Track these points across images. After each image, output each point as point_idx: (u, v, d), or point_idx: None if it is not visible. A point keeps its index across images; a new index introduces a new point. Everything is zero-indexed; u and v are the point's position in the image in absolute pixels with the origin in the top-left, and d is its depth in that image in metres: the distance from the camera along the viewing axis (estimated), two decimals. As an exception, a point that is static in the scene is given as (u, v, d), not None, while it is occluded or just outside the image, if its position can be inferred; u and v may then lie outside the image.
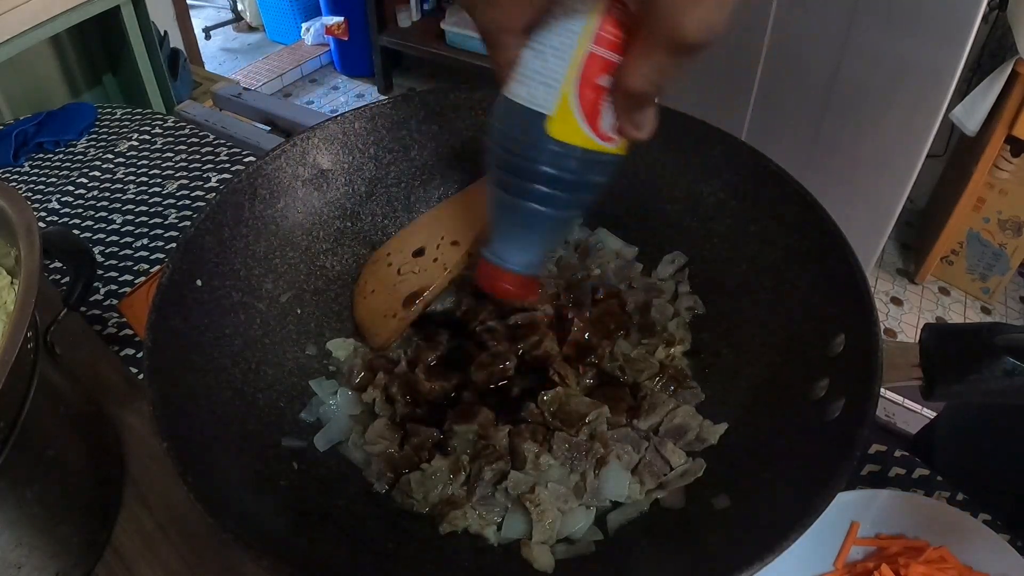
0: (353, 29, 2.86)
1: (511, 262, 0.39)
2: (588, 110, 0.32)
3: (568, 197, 0.35)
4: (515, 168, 0.35)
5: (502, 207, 0.37)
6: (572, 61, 0.31)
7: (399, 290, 0.54)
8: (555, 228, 0.38)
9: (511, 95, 0.33)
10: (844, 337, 0.41)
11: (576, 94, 0.31)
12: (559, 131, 0.32)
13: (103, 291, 0.73)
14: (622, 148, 0.35)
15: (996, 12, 1.58)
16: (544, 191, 0.34)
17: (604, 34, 0.30)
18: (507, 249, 0.39)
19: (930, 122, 1.41)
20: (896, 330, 1.90)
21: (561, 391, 0.48)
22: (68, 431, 0.49)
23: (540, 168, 0.34)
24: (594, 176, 0.35)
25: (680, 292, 0.54)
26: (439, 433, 0.47)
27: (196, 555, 0.50)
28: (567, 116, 0.32)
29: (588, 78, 0.31)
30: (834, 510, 0.34)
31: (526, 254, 0.39)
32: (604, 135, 0.33)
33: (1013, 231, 1.81)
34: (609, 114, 0.32)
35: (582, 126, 0.32)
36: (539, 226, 0.37)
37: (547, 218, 0.36)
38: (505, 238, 0.39)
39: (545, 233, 0.38)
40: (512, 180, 0.35)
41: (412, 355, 0.52)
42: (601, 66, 0.31)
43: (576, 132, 0.32)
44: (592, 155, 0.33)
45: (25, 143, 0.96)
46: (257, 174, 0.52)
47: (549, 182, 0.34)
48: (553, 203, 0.35)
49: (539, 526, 0.42)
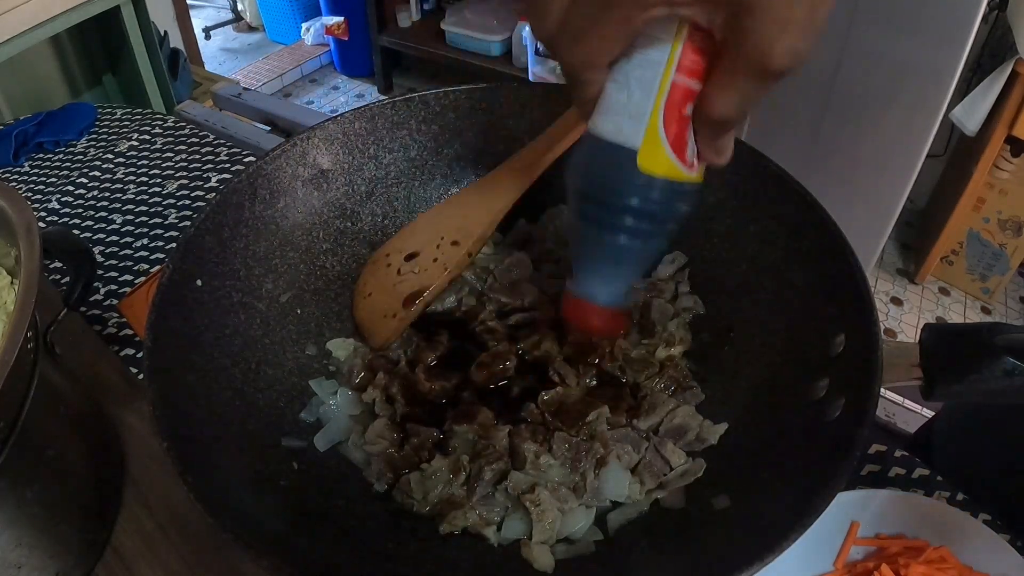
0: (353, 29, 2.86)
1: (599, 297, 0.38)
2: (675, 141, 0.32)
3: (655, 228, 0.34)
4: (603, 204, 0.34)
5: (588, 243, 0.36)
6: (658, 92, 0.31)
7: (399, 290, 0.54)
8: (642, 260, 0.37)
9: (597, 131, 0.33)
10: (844, 337, 0.41)
11: (663, 125, 0.31)
12: (647, 163, 0.32)
13: (103, 291, 0.73)
14: (702, 175, 0.34)
15: (996, 12, 1.58)
16: (633, 225, 0.34)
17: (687, 63, 0.30)
18: (594, 284, 0.38)
19: (930, 122, 1.41)
20: (896, 330, 1.90)
21: (561, 391, 0.48)
22: (68, 431, 0.49)
23: (629, 202, 0.33)
24: (680, 205, 0.34)
25: (680, 292, 0.54)
26: (439, 433, 0.47)
27: (196, 555, 0.50)
28: (655, 148, 0.32)
29: (674, 108, 0.31)
30: (834, 510, 0.34)
31: (614, 288, 0.38)
32: (689, 164, 0.33)
33: (1013, 231, 1.81)
34: (693, 142, 0.32)
35: (670, 157, 0.32)
36: (627, 260, 0.36)
37: (635, 251, 0.35)
38: (591, 273, 0.38)
39: (633, 266, 0.37)
40: (600, 215, 0.34)
41: (412, 355, 0.52)
42: (686, 95, 0.31)
43: (664, 163, 0.32)
44: (678, 185, 0.33)
45: (25, 143, 0.96)
46: (257, 174, 0.52)
47: (638, 216, 0.33)
48: (641, 236, 0.34)
49: (539, 526, 0.42)
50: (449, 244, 0.55)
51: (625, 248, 0.35)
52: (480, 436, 0.46)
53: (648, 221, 0.34)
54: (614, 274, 0.38)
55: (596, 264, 0.37)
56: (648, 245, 0.36)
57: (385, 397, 0.50)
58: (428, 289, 0.53)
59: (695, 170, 0.33)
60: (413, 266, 0.55)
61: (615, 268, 0.37)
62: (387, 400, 0.49)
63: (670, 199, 0.33)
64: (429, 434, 0.47)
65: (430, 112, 0.58)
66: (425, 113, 0.58)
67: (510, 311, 0.54)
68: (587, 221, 0.35)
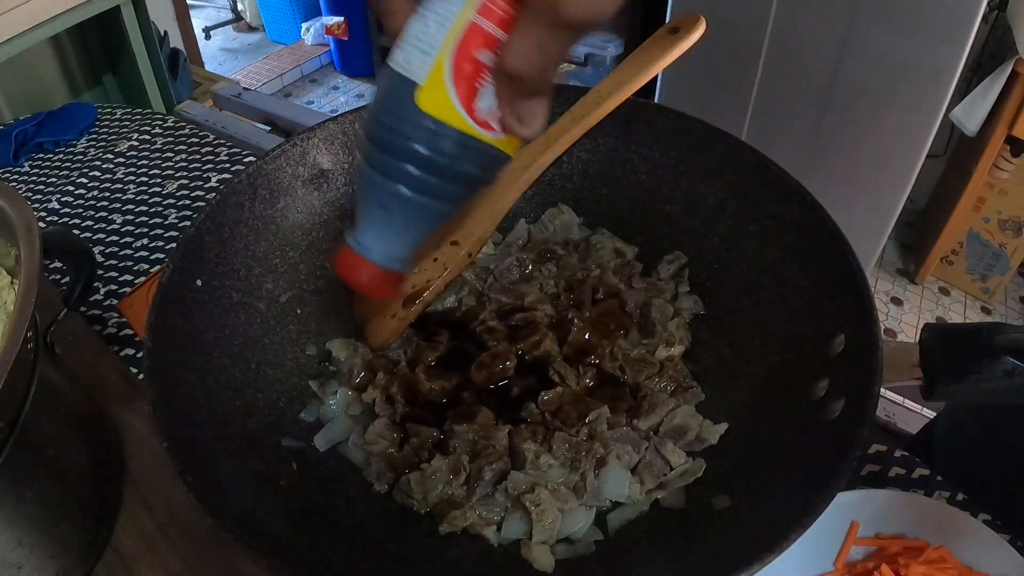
0: (353, 29, 2.86)
1: (372, 252, 0.36)
2: (463, 86, 0.29)
3: (439, 184, 0.32)
4: (383, 142, 0.32)
5: (368, 188, 0.34)
6: (452, 29, 0.29)
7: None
8: (423, 219, 0.35)
9: (389, 61, 0.31)
10: (844, 337, 0.41)
11: (451, 65, 0.29)
12: (429, 103, 0.30)
13: (103, 291, 0.73)
14: (508, 145, 0.32)
15: (996, 12, 1.58)
16: (412, 172, 0.31)
17: (491, 5, 0.28)
18: (369, 237, 0.35)
19: (930, 122, 1.41)
20: (896, 330, 1.90)
21: (561, 391, 0.48)
22: (68, 431, 0.49)
23: (408, 144, 0.31)
24: (468, 166, 0.32)
25: (680, 292, 0.54)
26: (439, 433, 0.47)
27: (196, 555, 0.50)
28: (439, 88, 0.29)
29: (466, 50, 0.29)
30: (834, 510, 0.34)
31: (389, 245, 0.36)
32: (481, 120, 0.30)
33: (1013, 231, 1.81)
34: (489, 97, 0.30)
35: (455, 102, 0.29)
36: (405, 213, 0.34)
37: (414, 205, 0.33)
38: (369, 224, 0.35)
39: (412, 223, 0.35)
40: (380, 156, 0.32)
41: (412, 355, 0.52)
42: (483, 40, 0.29)
43: (448, 108, 0.30)
44: (466, 139, 0.31)
45: (25, 143, 0.96)
46: (257, 174, 0.52)
47: (417, 162, 0.31)
48: (421, 188, 0.32)
49: (539, 526, 0.42)
50: (449, 244, 0.55)
51: (404, 199, 0.32)
52: (480, 436, 0.46)
53: (430, 171, 0.31)
54: (391, 229, 0.35)
55: (373, 214, 0.35)
56: (430, 202, 0.33)
57: (385, 397, 0.50)
58: (428, 289, 0.53)
59: (492, 132, 0.31)
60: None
61: (392, 221, 0.34)
62: (387, 400, 0.49)
63: (457, 154, 0.31)
64: (429, 434, 0.47)
65: (430, 112, 0.58)
66: (425, 113, 0.58)
67: (510, 311, 0.54)
68: (370, 164, 0.33)
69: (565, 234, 0.59)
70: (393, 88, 0.31)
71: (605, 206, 0.59)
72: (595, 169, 0.59)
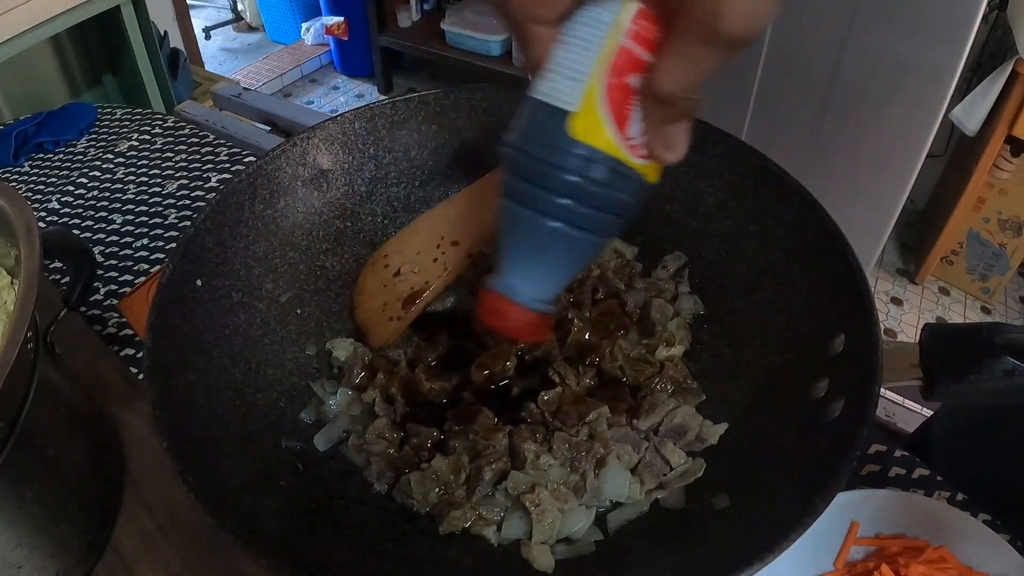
0: (353, 29, 2.86)
1: (522, 295, 0.34)
2: (615, 110, 0.28)
3: (591, 215, 0.31)
4: (533, 175, 0.30)
5: (516, 225, 0.32)
6: (601, 54, 0.28)
7: (399, 290, 0.54)
8: (575, 254, 0.33)
9: (534, 91, 0.30)
10: (844, 337, 0.41)
11: (603, 91, 0.28)
12: (582, 131, 0.29)
13: (103, 291, 0.73)
14: (652, 172, 0.31)
15: (996, 12, 1.58)
16: (565, 204, 0.30)
17: (638, 27, 0.27)
18: (518, 278, 0.33)
19: (930, 122, 1.41)
20: (896, 330, 1.90)
21: (561, 391, 0.48)
22: (68, 431, 0.49)
23: (560, 175, 0.29)
24: (620, 194, 0.30)
25: (680, 292, 0.54)
26: (439, 433, 0.47)
27: (196, 555, 0.50)
28: (592, 115, 0.28)
29: (617, 74, 0.28)
30: (834, 510, 0.34)
31: (540, 286, 0.34)
32: (632, 145, 0.29)
33: (1013, 231, 1.81)
34: (638, 121, 0.29)
35: (608, 127, 0.29)
36: (557, 249, 0.32)
37: (567, 240, 0.31)
38: (516, 265, 0.33)
39: (563, 259, 0.33)
40: (529, 190, 0.30)
41: (412, 355, 0.52)
42: (632, 63, 0.28)
43: (601, 134, 0.29)
44: (619, 167, 0.29)
45: (25, 143, 0.96)
46: (257, 174, 0.52)
47: (570, 192, 0.30)
48: (575, 221, 0.31)
49: (539, 526, 0.42)
50: (449, 244, 0.55)
51: (555, 234, 0.31)
52: (480, 436, 0.46)
53: (583, 202, 0.30)
54: (542, 267, 0.33)
55: (522, 253, 0.33)
56: (582, 235, 0.31)
57: (385, 397, 0.50)
58: (428, 289, 0.53)
59: (641, 157, 0.30)
60: (413, 266, 0.55)
61: (543, 259, 0.33)
62: (387, 400, 0.49)
63: (610, 183, 0.30)
64: (429, 434, 0.47)
65: (430, 112, 0.58)
66: (425, 113, 0.58)
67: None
68: (517, 199, 0.31)
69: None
70: (542, 118, 0.29)
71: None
72: (595, 169, 0.59)
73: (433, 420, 0.48)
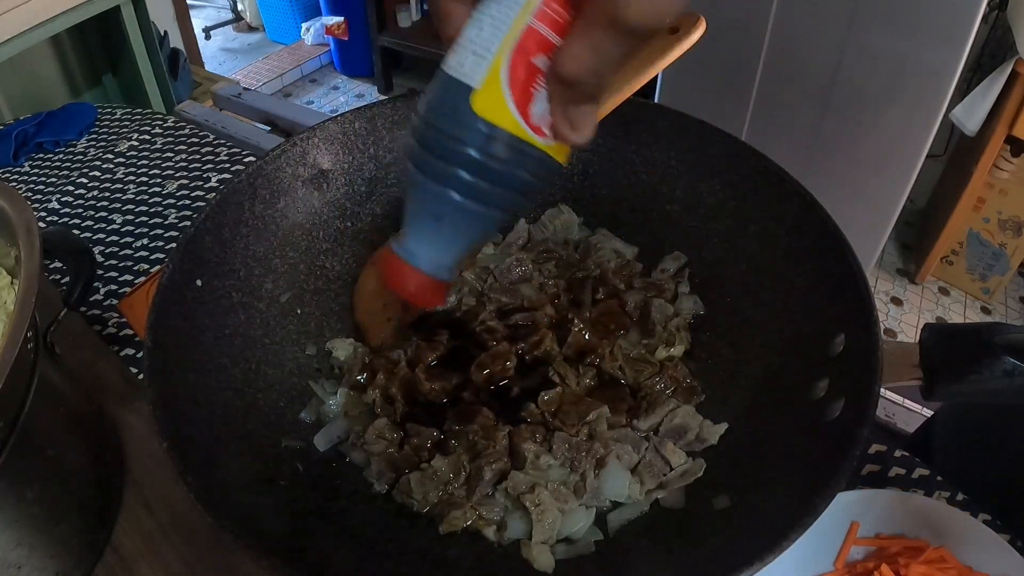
0: (353, 29, 2.86)
1: (420, 260, 0.35)
2: (518, 90, 0.29)
3: (491, 190, 0.32)
4: (436, 147, 0.31)
5: (418, 194, 0.33)
6: (508, 33, 0.29)
7: (399, 290, 0.54)
8: (473, 226, 0.34)
9: (443, 65, 0.31)
10: (844, 337, 0.41)
11: (507, 69, 0.29)
12: (484, 107, 0.29)
13: (103, 291, 0.73)
14: (560, 153, 0.32)
15: (996, 12, 1.58)
16: (465, 178, 0.31)
17: (547, 9, 0.28)
18: (418, 244, 0.35)
19: (930, 122, 1.41)
20: (896, 330, 1.90)
21: (561, 391, 0.48)
22: (68, 431, 0.49)
23: (461, 148, 0.30)
24: (521, 172, 0.31)
25: (680, 292, 0.54)
26: (439, 433, 0.47)
27: (196, 555, 0.50)
28: (495, 92, 0.29)
29: (522, 54, 0.29)
30: (834, 510, 0.34)
31: (438, 253, 0.35)
32: (534, 125, 0.30)
33: (1013, 231, 1.81)
34: (542, 102, 0.30)
35: (510, 106, 0.29)
36: (456, 220, 0.33)
37: (466, 212, 0.32)
38: (417, 231, 0.35)
39: (462, 230, 0.34)
40: (432, 162, 0.32)
41: (412, 355, 0.52)
42: (539, 44, 0.29)
43: (503, 112, 0.29)
44: (521, 145, 0.30)
45: (25, 143, 0.96)
46: (257, 174, 0.52)
47: (470, 167, 0.31)
48: (474, 195, 0.32)
49: (539, 526, 0.42)
50: (449, 244, 0.55)
51: (456, 207, 0.32)
52: (480, 436, 0.46)
53: (483, 177, 0.31)
54: (440, 236, 0.34)
55: (423, 221, 0.34)
56: (481, 209, 0.32)
57: (385, 397, 0.50)
58: (428, 289, 0.53)
59: (545, 137, 0.31)
60: (413, 266, 0.55)
61: (442, 229, 0.34)
62: (387, 400, 0.49)
63: (511, 160, 0.31)
64: (429, 434, 0.47)
65: (430, 112, 0.58)
66: (425, 113, 0.58)
67: (510, 311, 0.54)
68: (420, 168, 0.32)
69: (565, 234, 0.59)
70: (447, 92, 0.30)
71: (605, 206, 0.59)
72: (595, 169, 0.59)
73: (433, 420, 0.48)
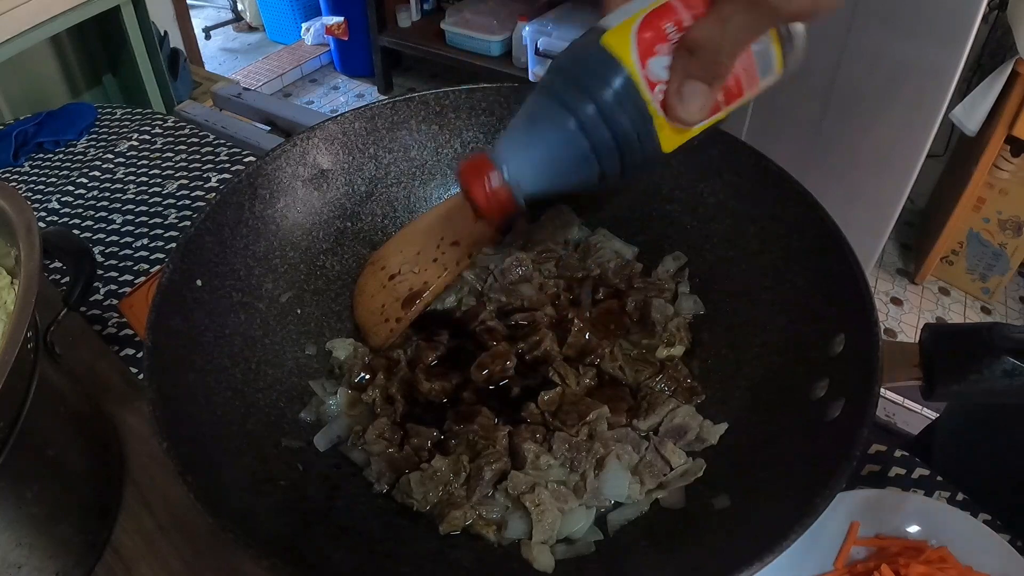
0: (353, 29, 2.86)
1: (507, 166, 0.37)
2: (644, 44, 0.33)
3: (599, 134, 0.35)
4: (565, 73, 0.35)
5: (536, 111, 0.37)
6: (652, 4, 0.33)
7: (398, 290, 0.54)
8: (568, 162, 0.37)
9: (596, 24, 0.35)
10: (844, 337, 0.41)
11: (639, 23, 0.33)
12: (611, 41, 0.34)
13: (103, 291, 0.73)
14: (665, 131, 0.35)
15: (996, 12, 1.58)
16: (582, 112, 0.34)
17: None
18: (513, 154, 0.37)
19: (930, 122, 1.41)
20: (896, 330, 1.90)
21: (561, 391, 0.48)
22: (68, 431, 0.49)
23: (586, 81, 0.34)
24: (626, 120, 0.34)
25: (680, 292, 0.54)
26: (439, 433, 0.47)
27: (196, 555, 0.50)
28: (623, 35, 0.33)
29: (656, 17, 0.33)
30: (834, 510, 0.34)
31: (525, 169, 0.37)
32: (648, 77, 0.33)
33: (1013, 231, 1.81)
34: (662, 64, 0.33)
35: (632, 49, 0.33)
36: (558, 149, 0.36)
37: (569, 142, 0.35)
38: (518, 144, 0.38)
39: (556, 161, 0.37)
40: (560, 83, 0.35)
41: (412, 355, 0.52)
42: (672, 16, 0.33)
43: (624, 51, 0.33)
44: (631, 89, 0.34)
45: (25, 143, 0.96)
46: (257, 174, 0.52)
47: (590, 101, 0.34)
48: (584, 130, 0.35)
49: (539, 526, 0.42)
50: (449, 244, 0.55)
51: (563, 132, 0.35)
52: (480, 436, 0.46)
53: (598, 115, 0.34)
54: (535, 156, 0.37)
55: (529, 136, 0.37)
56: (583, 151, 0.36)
57: (385, 397, 0.50)
58: (428, 289, 0.53)
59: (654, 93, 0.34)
60: (413, 266, 0.55)
61: (542, 151, 0.37)
62: (387, 400, 0.49)
63: (622, 99, 0.34)
64: (429, 434, 0.47)
65: (430, 112, 0.58)
66: (425, 113, 0.58)
67: (510, 311, 0.54)
68: (547, 92, 0.36)
69: (565, 234, 0.59)
70: (588, 32, 0.35)
71: (605, 206, 0.59)
72: (595, 169, 0.59)
73: (433, 420, 0.48)
